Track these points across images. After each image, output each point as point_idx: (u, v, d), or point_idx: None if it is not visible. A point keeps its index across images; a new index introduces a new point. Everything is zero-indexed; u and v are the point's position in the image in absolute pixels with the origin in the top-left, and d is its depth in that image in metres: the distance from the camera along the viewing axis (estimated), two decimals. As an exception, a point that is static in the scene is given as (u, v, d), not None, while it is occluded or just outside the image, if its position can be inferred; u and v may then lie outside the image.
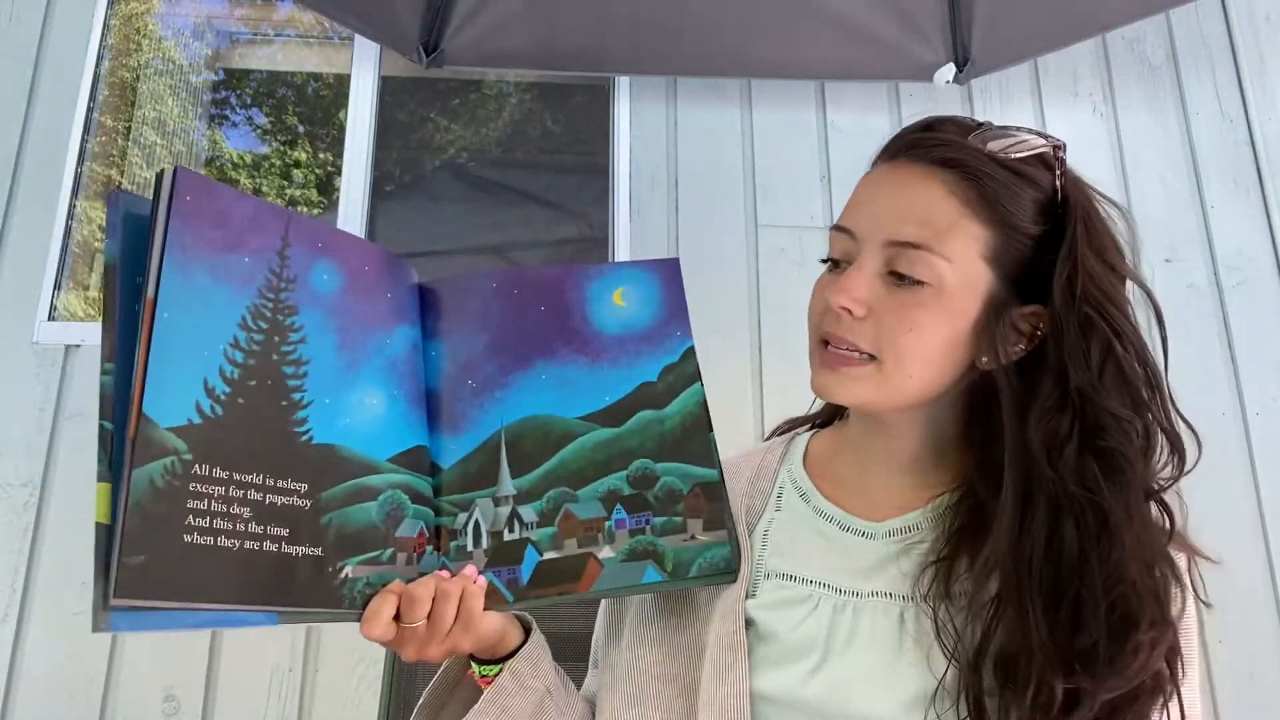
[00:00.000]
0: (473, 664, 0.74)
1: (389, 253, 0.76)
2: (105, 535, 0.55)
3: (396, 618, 0.64)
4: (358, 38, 2.36)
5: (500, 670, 0.72)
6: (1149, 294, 0.71)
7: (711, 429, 0.75)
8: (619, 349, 0.76)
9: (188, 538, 0.57)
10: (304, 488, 0.64)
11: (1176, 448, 0.68)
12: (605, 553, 0.71)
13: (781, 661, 0.71)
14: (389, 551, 0.67)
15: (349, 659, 1.89)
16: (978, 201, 0.69)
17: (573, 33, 2.11)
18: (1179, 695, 0.65)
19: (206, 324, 0.62)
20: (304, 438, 0.65)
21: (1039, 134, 0.72)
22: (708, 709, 0.70)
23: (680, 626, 0.77)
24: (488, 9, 2.03)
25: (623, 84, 2.37)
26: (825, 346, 0.73)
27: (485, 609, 0.68)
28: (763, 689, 0.70)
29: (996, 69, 2.12)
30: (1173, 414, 0.69)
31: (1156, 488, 0.68)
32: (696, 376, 0.76)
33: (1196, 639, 0.72)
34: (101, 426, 0.57)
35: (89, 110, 2.20)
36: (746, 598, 0.75)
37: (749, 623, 0.73)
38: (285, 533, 0.62)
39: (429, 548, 0.70)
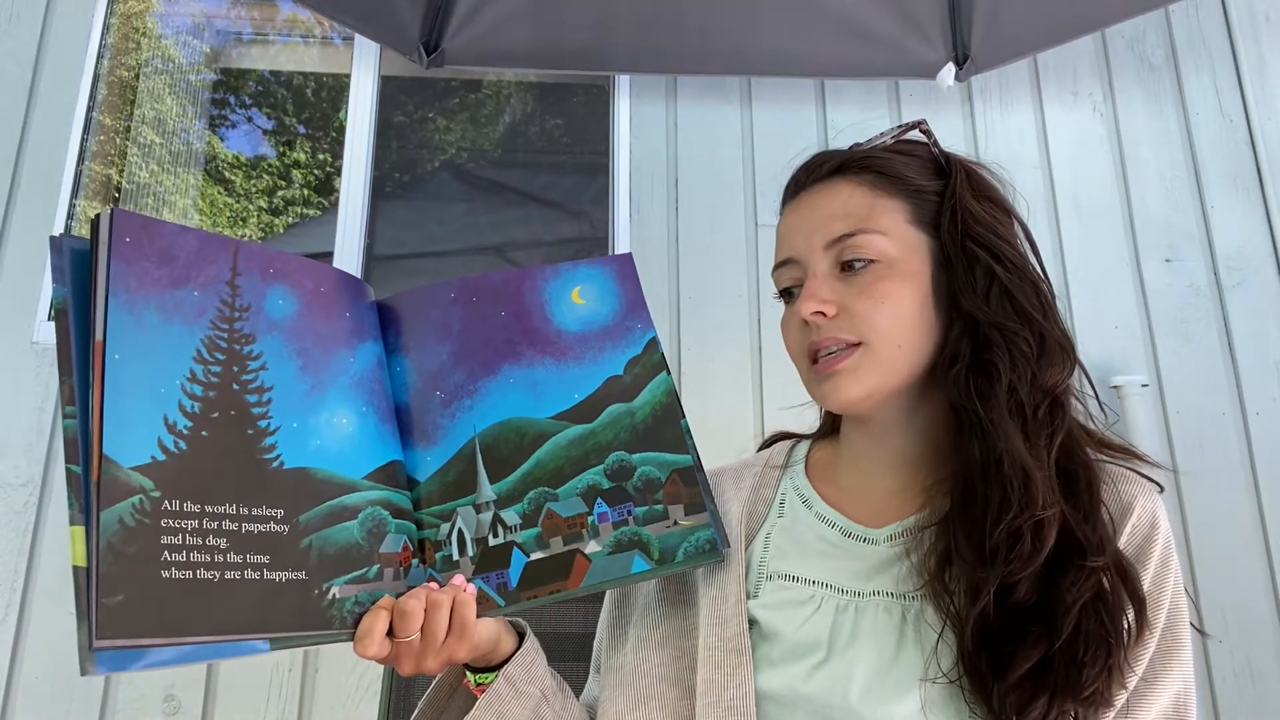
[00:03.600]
0: (467, 672, 0.74)
1: (343, 272, 0.76)
2: (84, 578, 0.54)
3: (390, 634, 0.64)
4: (358, 38, 2.36)
5: (495, 677, 0.71)
6: (1024, 226, 0.78)
7: (683, 415, 0.76)
8: (583, 346, 0.77)
9: (165, 573, 0.57)
10: (280, 513, 0.64)
11: (1065, 348, 0.73)
12: (591, 547, 0.71)
13: (784, 660, 0.72)
14: (374, 568, 0.67)
15: (349, 659, 1.89)
16: (880, 182, 0.76)
17: (573, 31, 2.11)
18: (1116, 573, 0.67)
19: (159, 361, 0.62)
20: (275, 464, 0.65)
21: (896, 126, 0.81)
22: (713, 710, 0.70)
23: (685, 630, 0.77)
24: (488, 8, 2.04)
25: (623, 83, 2.37)
26: (813, 363, 0.75)
27: (478, 615, 0.68)
28: (766, 687, 0.71)
29: (996, 66, 2.12)
30: (1060, 320, 0.75)
31: (1052, 385, 0.72)
32: (662, 366, 0.77)
33: (1186, 626, 0.71)
34: (69, 470, 0.56)
35: (89, 110, 2.20)
36: (749, 598, 0.75)
37: (752, 623, 0.74)
38: (266, 559, 0.61)
39: (414, 561, 0.70)
